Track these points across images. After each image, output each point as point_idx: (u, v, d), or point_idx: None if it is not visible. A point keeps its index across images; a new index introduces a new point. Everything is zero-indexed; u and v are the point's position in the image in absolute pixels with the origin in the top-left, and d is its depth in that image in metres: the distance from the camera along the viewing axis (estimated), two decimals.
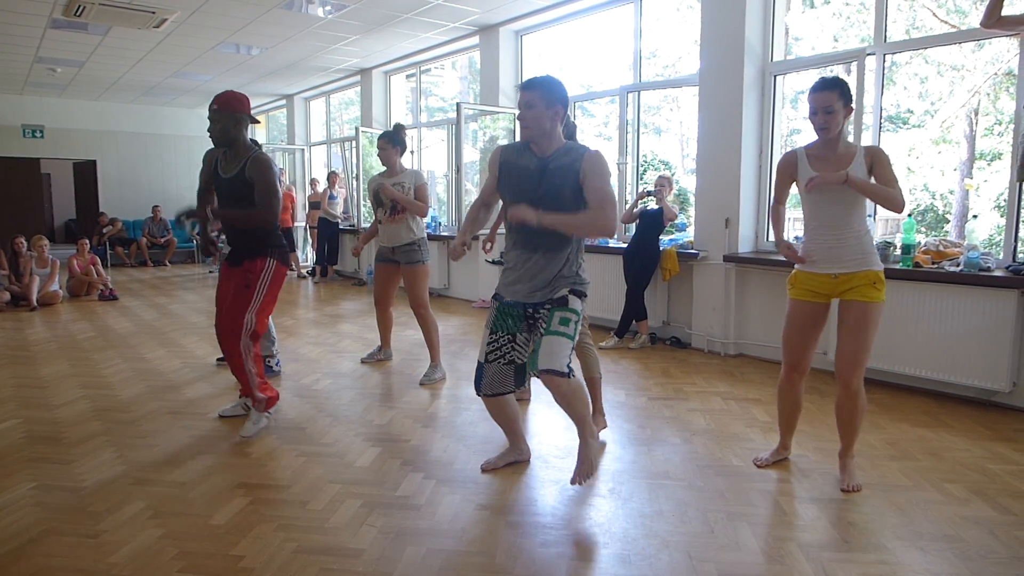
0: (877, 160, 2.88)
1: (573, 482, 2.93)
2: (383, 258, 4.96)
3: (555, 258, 2.84)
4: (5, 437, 3.70)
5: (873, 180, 2.89)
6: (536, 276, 2.85)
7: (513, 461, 3.31)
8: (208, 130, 3.61)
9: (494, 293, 3.02)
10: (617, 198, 6.71)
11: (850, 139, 4.75)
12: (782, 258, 5.05)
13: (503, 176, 2.92)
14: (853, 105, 2.97)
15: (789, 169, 3.06)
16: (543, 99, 2.74)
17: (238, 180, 3.59)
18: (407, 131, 4.96)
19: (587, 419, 2.96)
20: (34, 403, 4.31)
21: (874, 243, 2.96)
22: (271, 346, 4.97)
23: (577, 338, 2.91)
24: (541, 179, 2.80)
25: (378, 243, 4.97)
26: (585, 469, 2.94)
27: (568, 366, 2.79)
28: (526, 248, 2.88)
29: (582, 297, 2.88)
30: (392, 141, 4.77)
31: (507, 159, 2.92)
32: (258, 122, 3.82)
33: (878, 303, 2.89)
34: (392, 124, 10.27)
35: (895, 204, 2.81)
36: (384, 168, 4.89)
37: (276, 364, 5.01)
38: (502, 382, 3.00)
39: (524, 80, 2.86)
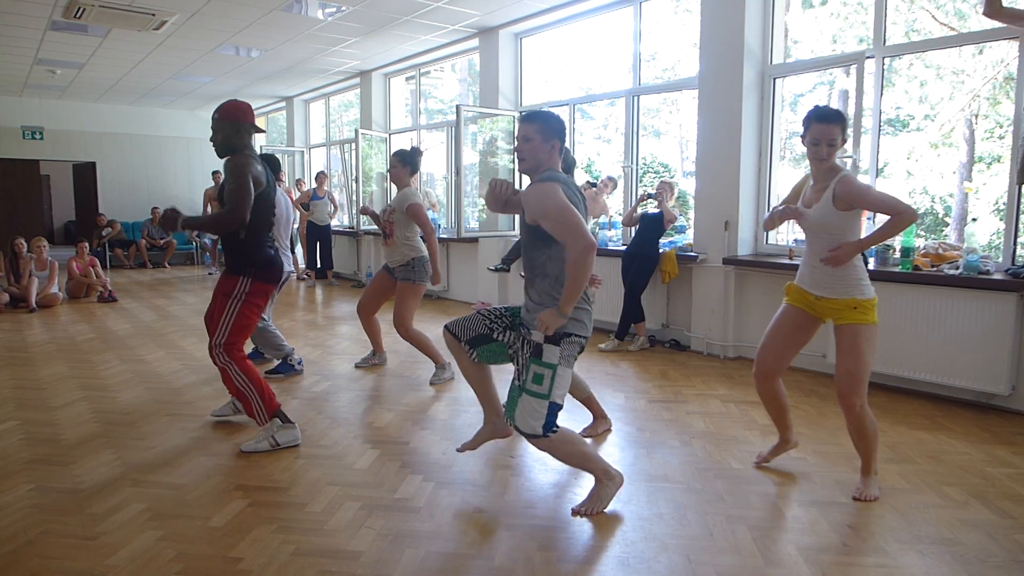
0: (854, 196, 2.78)
1: (573, 512, 2.84)
2: (386, 267, 4.94)
3: (532, 286, 2.83)
4: (3, 439, 3.69)
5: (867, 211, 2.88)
6: (528, 301, 2.87)
7: (489, 438, 3.21)
8: (210, 139, 3.55)
9: None
10: (624, 203, 6.75)
11: (848, 145, 4.75)
12: (781, 261, 5.09)
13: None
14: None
15: (798, 190, 3.09)
16: (541, 132, 2.76)
17: (222, 189, 3.49)
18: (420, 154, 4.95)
19: (588, 466, 2.87)
20: (33, 405, 4.31)
21: (862, 273, 2.90)
22: (282, 350, 5.00)
23: (557, 391, 2.71)
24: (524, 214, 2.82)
25: (385, 259, 4.98)
26: (589, 506, 2.84)
27: (543, 427, 2.69)
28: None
29: (559, 342, 2.70)
30: (404, 160, 4.76)
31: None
32: (262, 131, 3.75)
33: (868, 324, 2.87)
34: (391, 125, 10.33)
35: (903, 226, 2.79)
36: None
37: (299, 363, 5.07)
38: (465, 327, 3.02)
39: (524, 113, 2.89)
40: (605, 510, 2.84)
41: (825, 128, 2.82)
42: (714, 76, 5.59)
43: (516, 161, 2.88)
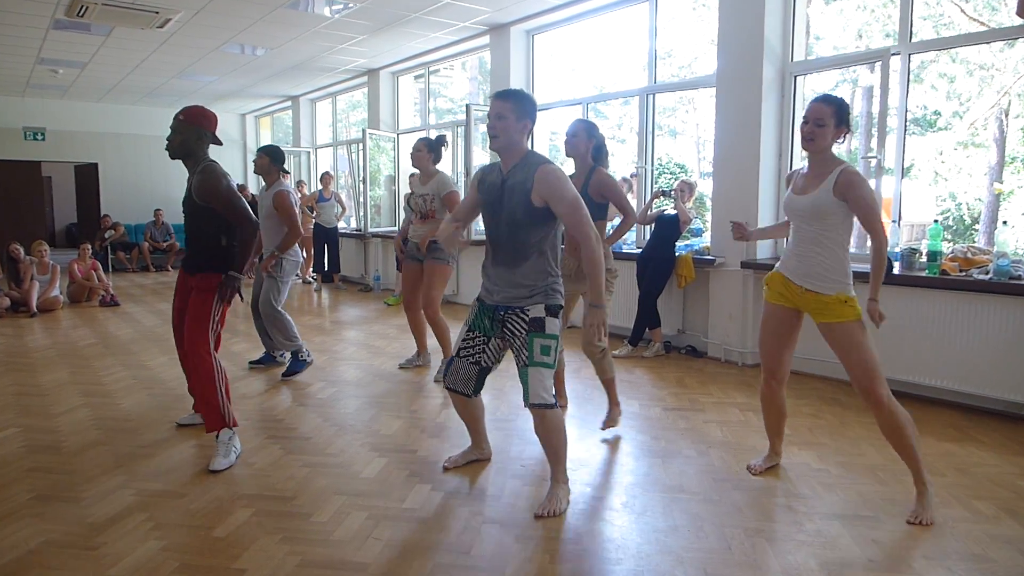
0: (852, 191, 2.74)
1: (537, 516, 2.83)
2: (411, 256, 4.98)
3: (519, 266, 2.85)
4: (4, 446, 3.64)
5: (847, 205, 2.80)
6: (506, 284, 2.87)
7: (474, 460, 3.36)
8: (167, 138, 3.47)
9: (477, 296, 3.05)
10: (637, 205, 6.65)
11: (873, 144, 4.64)
12: None
13: (481, 195, 2.99)
14: (849, 128, 2.88)
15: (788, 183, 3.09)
16: (514, 111, 2.81)
17: (188, 197, 3.47)
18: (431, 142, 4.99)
19: (561, 459, 2.93)
20: (34, 411, 4.25)
21: (847, 270, 2.87)
22: (295, 341, 5.00)
23: (557, 364, 2.91)
24: (501, 197, 2.85)
25: (410, 238, 4.99)
26: (550, 507, 2.85)
27: (553, 395, 2.83)
28: (492, 256, 2.95)
29: (557, 315, 2.85)
30: (430, 147, 4.87)
31: (482, 178, 3.00)
32: (220, 143, 3.63)
33: (858, 320, 2.82)
34: (399, 125, 10.27)
35: (884, 257, 2.81)
36: (416, 173, 5.04)
37: (308, 355, 5.12)
38: (465, 381, 3.02)
39: (497, 91, 2.93)
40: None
41: (814, 107, 2.84)
42: (732, 74, 5.48)
43: (488, 139, 2.90)
